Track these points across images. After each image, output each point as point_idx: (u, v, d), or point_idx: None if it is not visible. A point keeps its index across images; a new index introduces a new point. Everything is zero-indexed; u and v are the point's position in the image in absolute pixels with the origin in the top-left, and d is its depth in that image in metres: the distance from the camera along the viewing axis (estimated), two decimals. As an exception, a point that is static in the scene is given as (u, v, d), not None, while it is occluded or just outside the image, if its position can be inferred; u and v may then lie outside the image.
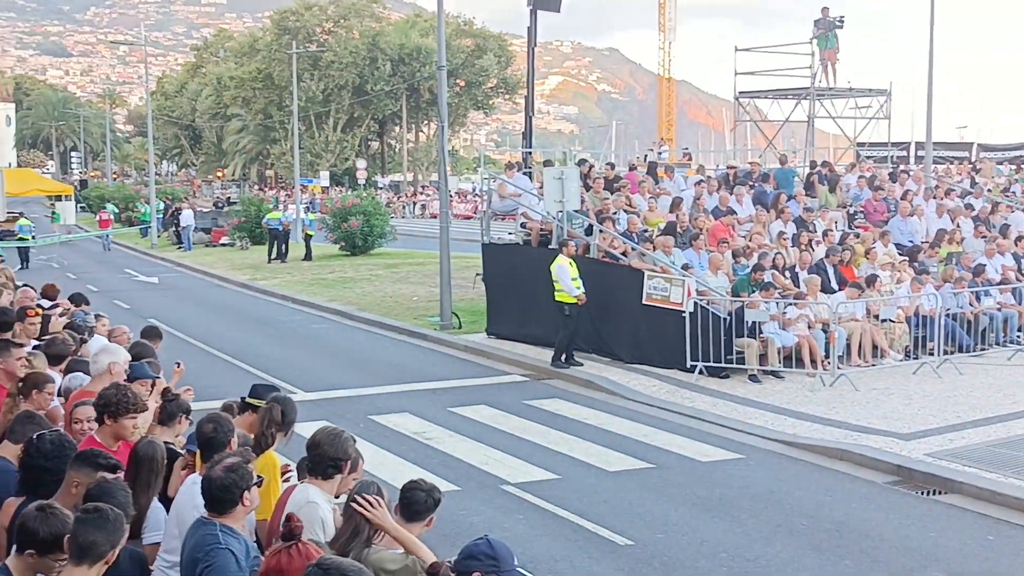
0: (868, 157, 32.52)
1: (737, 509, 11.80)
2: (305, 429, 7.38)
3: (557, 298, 19.20)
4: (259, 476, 5.77)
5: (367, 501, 5.70)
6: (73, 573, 4.74)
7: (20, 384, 8.30)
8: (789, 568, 10.10)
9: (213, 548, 5.39)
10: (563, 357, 19.35)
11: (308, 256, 42.46)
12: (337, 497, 6.46)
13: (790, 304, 18.62)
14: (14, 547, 5.17)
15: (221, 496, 5.50)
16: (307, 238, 43.90)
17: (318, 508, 6.03)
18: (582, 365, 19.35)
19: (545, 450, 14.36)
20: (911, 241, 23.07)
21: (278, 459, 7.12)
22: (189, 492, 6.12)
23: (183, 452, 7.20)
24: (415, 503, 5.90)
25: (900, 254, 21.88)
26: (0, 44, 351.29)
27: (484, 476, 13.23)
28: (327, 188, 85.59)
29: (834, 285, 19.96)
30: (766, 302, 18.20)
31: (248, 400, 7.82)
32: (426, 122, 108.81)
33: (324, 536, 5.89)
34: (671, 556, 10.43)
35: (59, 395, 8.85)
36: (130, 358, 8.97)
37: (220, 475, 5.52)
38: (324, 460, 6.20)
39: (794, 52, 34.20)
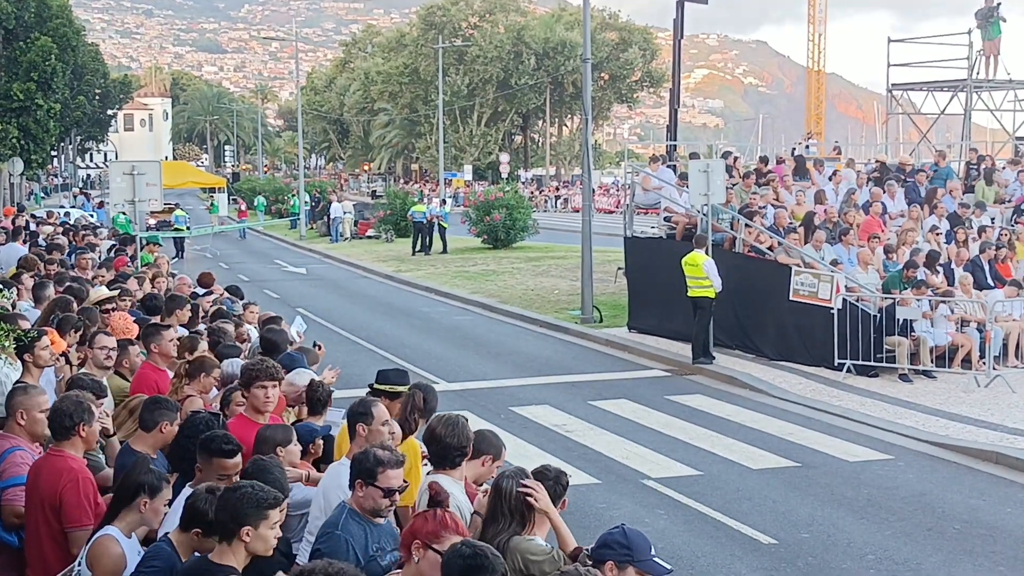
0: (1028, 151, 31.16)
1: (885, 511, 11.48)
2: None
3: (696, 293, 18.91)
4: (402, 455, 5.85)
5: (533, 487, 5.67)
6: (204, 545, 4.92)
7: (188, 366, 8.43)
8: (940, 573, 9.78)
9: (330, 533, 5.52)
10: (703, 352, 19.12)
11: (444, 249, 42.78)
12: (480, 484, 6.48)
13: (944, 302, 18.04)
14: (178, 523, 5.34)
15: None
16: (442, 230, 43.81)
17: (451, 498, 6.04)
18: (715, 359, 19.10)
19: (687, 446, 14.21)
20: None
21: (419, 445, 7.17)
22: (335, 473, 6.21)
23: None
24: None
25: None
26: (159, 41, 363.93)
27: (625, 470, 13.15)
28: (471, 182, 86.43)
29: (990, 282, 19.29)
30: (918, 300, 17.67)
31: (376, 386, 7.54)
32: (569, 116, 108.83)
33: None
34: (816, 557, 10.20)
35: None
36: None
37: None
38: (449, 451, 6.25)
39: (950, 43, 33.04)
